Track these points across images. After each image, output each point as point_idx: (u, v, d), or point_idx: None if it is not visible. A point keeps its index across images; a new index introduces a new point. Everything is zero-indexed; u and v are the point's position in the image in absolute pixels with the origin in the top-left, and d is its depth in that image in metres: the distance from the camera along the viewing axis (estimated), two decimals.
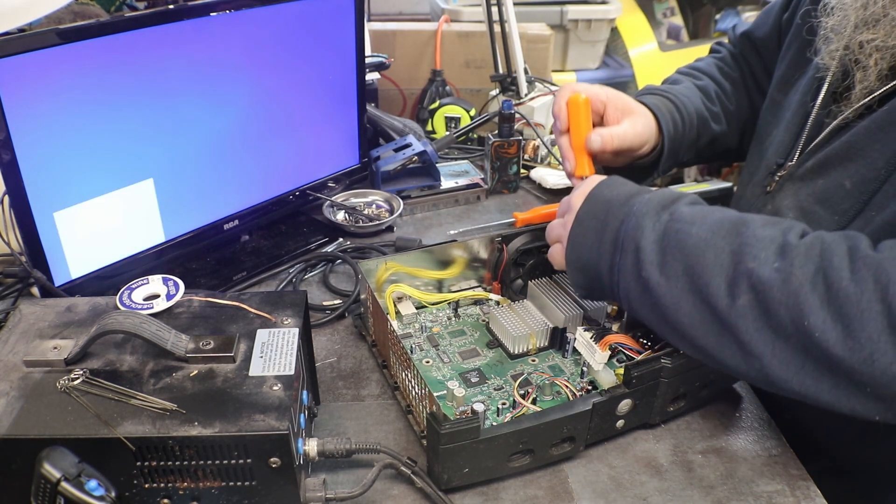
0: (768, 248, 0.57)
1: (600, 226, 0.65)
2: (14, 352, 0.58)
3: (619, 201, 0.65)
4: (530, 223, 0.86)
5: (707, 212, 0.62)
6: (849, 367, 0.53)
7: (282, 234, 1.04)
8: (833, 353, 0.53)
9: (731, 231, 0.59)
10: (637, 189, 0.67)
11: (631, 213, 0.63)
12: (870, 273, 0.53)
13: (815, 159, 0.72)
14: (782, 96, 0.83)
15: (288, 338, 0.60)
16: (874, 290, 0.52)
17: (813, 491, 0.63)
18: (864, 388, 0.53)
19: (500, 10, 1.38)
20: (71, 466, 0.50)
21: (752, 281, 0.56)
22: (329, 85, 1.00)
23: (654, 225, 0.62)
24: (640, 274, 0.62)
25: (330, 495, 0.58)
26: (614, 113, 0.80)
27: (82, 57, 0.71)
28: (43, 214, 0.74)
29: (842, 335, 0.53)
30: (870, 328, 0.52)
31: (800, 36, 0.80)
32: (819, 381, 0.55)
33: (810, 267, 0.55)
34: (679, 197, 0.65)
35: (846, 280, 0.53)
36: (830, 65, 0.72)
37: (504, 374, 0.73)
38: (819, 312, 0.53)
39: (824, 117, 0.73)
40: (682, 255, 0.60)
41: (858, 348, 0.52)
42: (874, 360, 0.52)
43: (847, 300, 0.53)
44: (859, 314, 0.52)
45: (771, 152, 0.80)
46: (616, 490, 0.64)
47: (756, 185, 0.81)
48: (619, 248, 0.63)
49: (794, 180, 0.74)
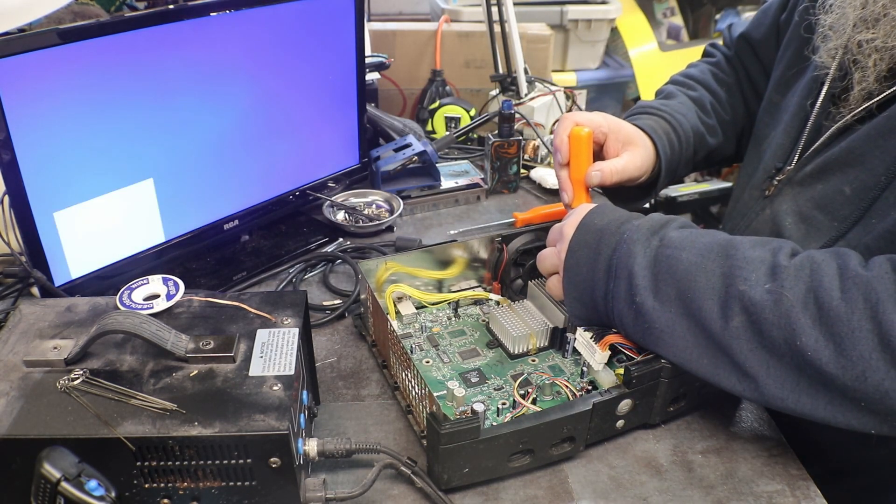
0: (758, 269, 0.58)
1: (593, 254, 0.66)
2: (14, 352, 0.58)
3: (610, 229, 0.66)
4: (530, 223, 0.86)
5: (696, 235, 0.63)
6: (842, 384, 0.54)
7: (282, 234, 1.04)
8: (826, 371, 0.54)
9: (720, 254, 0.60)
10: (627, 216, 0.67)
11: (622, 241, 0.64)
12: (859, 292, 0.53)
13: (815, 164, 0.72)
14: (780, 97, 0.83)
15: (288, 338, 0.60)
16: (864, 308, 0.53)
17: (813, 491, 0.63)
18: (858, 403, 0.54)
19: (500, 10, 1.38)
20: (71, 466, 0.50)
21: (744, 303, 0.57)
22: (329, 85, 1.00)
23: (644, 251, 0.63)
24: (634, 299, 0.63)
25: (330, 495, 0.58)
26: (615, 144, 0.80)
27: (82, 57, 0.71)
28: (43, 214, 0.74)
29: (834, 353, 0.54)
30: (861, 346, 0.53)
31: (798, 35, 0.80)
32: (814, 399, 0.56)
33: (801, 287, 0.56)
34: (668, 222, 0.66)
35: (836, 299, 0.54)
36: (829, 64, 0.71)
37: (504, 374, 0.73)
38: (811, 332, 0.54)
39: (823, 120, 0.73)
40: (673, 279, 0.61)
41: (850, 366, 0.53)
42: (866, 377, 0.53)
43: (838, 319, 0.53)
44: (850, 333, 0.53)
45: (769, 155, 0.80)
46: (616, 490, 0.64)
47: (754, 188, 0.81)
48: (612, 275, 0.64)
49: (793, 185, 0.74)
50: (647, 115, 0.87)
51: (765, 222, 0.76)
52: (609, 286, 0.65)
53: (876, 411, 0.54)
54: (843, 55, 0.69)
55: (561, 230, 0.71)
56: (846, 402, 0.55)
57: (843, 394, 0.54)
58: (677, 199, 1.84)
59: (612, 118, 0.81)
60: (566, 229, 0.70)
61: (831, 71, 0.71)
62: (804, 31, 0.76)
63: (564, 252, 0.68)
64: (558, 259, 0.70)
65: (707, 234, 0.63)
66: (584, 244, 0.67)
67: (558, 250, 0.71)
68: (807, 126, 0.75)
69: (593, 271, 0.66)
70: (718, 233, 0.64)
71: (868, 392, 0.53)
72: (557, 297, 0.72)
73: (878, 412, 0.54)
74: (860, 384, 0.53)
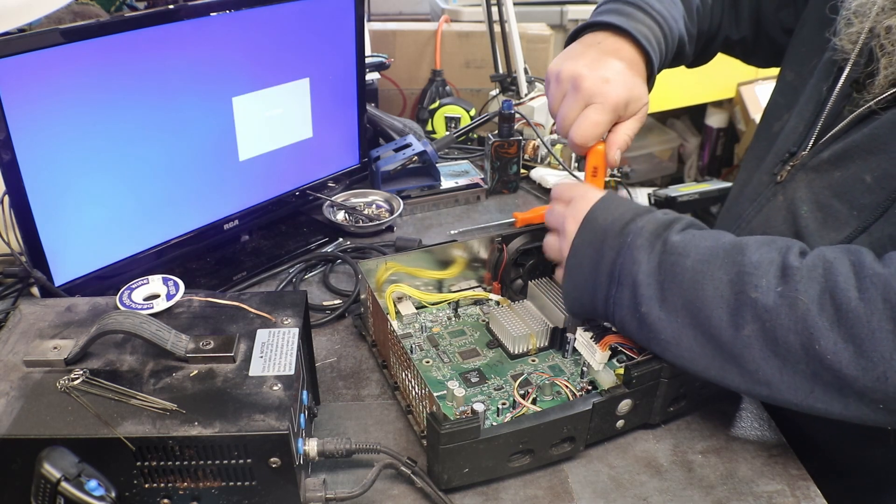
0: (768, 272, 0.56)
1: (596, 256, 0.64)
2: (14, 352, 0.58)
3: (614, 230, 0.64)
4: (530, 223, 0.86)
5: (699, 239, 0.61)
6: (861, 385, 0.53)
7: (282, 234, 1.04)
8: (846, 373, 0.53)
9: (726, 259, 0.59)
10: (632, 214, 0.65)
11: (626, 245, 0.63)
12: (878, 292, 0.52)
13: (832, 150, 0.69)
14: (793, 75, 0.79)
15: (288, 338, 0.60)
16: (884, 308, 0.52)
17: (813, 491, 0.63)
18: (876, 404, 0.54)
19: (500, 10, 1.38)
20: (71, 466, 0.50)
21: (756, 310, 0.56)
22: (329, 85, 1.00)
23: (648, 258, 0.62)
24: (639, 309, 0.62)
25: (330, 495, 0.58)
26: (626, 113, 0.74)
27: (82, 57, 0.71)
28: (43, 214, 0.74)
29: (854, 355, 0.52)
30: (881, 347, 0.52)
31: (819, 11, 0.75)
32: (829, 403, 0.55)
33: (815, 288, 0.54)
34: (671, 223, 0.64)
35: (854, 300, 0.53)
36: (851, 49, 0.68)
37: (504, 374, 0.73)
38: (829, 334, 0.53)
39: (842, 105, 0.70)
40: (679, 288, 0.60)
41: (871, 367, 0.52)
42: (887, 378, 0.52)
43: (857, 320, 0.52)
44: (870, 334, 0.52)
45: (781, 139, 0.77)
46: (616, 490, 0.64)
47: (764, 172, 0.77)
48: (615, 282, 0.63)
49: (808, 170, 0.71)
50: (644, 13, 0.78)
51: (778, 209, 0.73)
52: (611, 291, 0.64)
53: (893, 410, 0.53)
54: (867, 39, 0.65)
55: (563, 221, 0.69)
56: (863, 402, 0.54)
57: (861, 395, 0.54)
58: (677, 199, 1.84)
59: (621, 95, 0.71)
60: (569, 224, 0.68)
61: (852, 56, 0.68)
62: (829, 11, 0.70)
63: (567, 250, 0.67)
64: (560, 252, 0.69)
65: (710, 236, 0.62)
66: (588, 243, 0.65)
67: (560, 245, 0.69)
68: (824, 111, 0.71)
69: (595, 274, 0.64)
70: (722, 234, 0.62)
71: (888, 392, 0.52)
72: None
73: (894, 410, 0.53)
74: (880, 384, 0.52)
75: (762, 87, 2.02)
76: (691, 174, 2.28)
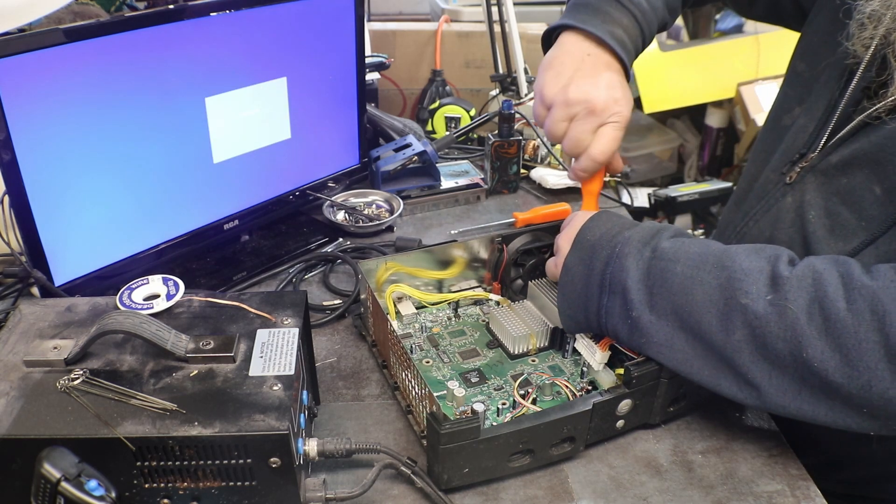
0: (758, 280, 0.57)
1: (587, 270, 0.65)
2: (14, 352, 0.58)
3: (602, 243, 0.65)
4: (530, 223, 0.86)
5: (688, 245, 0.62)
6: (847, 392, 0.54)
7: (282, 234, 1.04)
8: (832, 380, 0.54)
9: (715, 265, 0.59)
10: (619, 227, 0.66)
11: (614, 255, 0.64)
12: (866, 303, 0.53)
13: (840, 155, 0.68)
14: (806, 67, 0.78)
15: (288, 338, 0.60)
16: (871, 320, 0.53)
17: (813, 491, 0.64)
18: (860, 409, 0.55)
19: (500, 10, 1.38)
20: (71, 466, 0.50)
21: (746, 317, 0.57)
22: (329, 85, 1.00)
23: (637, 264, 0.62)
24: (630, 314, 0.62)
25: (330, 495, 0.58)
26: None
27: (82, 57, 0.71)
28: (43, 214, 0.74)
29: (840, 363, 0.54)
30: (868, 358, 0.53)
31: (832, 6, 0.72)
32: (816, 406, 0.57)
33: (804, 298, 0.55)
34: (658, 231, 0.65)
35: (843, 311, 0.54)
36: (863, 55, 0.66)
37: (504, 374, 0.73)
38: (817, 343, 0.54)
39: (852, 110, 0.68)
40: (669, 293, 0.61)
41: (856, 375, 0.53)
42: (871, 386, 0.53)
43: (845, 330, 0.53)
44: (857, 344, 0.53)
45: (790, 135, 0.76)
46: (616, 490, 0.64)
47: (773, 171, 0.76)
48: (605, 290, 0.64)
49: (817, 173, 0.70)
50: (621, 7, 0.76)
51: (786, 211, 0.72)
52: (602, 301, 0.64)
53: (877, 416, 0.55)
54: (880, 46, 0.63)
55: (558, 241, 0.71)
56: (848, 408, 0.55)
57: (846, 401, 0.55)
58: (677, 199, 1.84)
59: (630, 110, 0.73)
60: (562, 242, 0.70)
61: (864, 62, 0.66)
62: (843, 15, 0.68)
63: (560, 268, 0.68)
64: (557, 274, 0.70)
65: (698, 243, 0.63)
66: (579, 261, 0.66)
67: (556, 264, 0.71)
68: (835, 113, 0.69)
69: (587, 287, 0.65)
70: (710, 242, 0.63)
71: (872, 400, 0.53)
72: None
73: (879, 417, 0.55)
74: (865, 392, 0.53)
75: (762, 87, 2.02)
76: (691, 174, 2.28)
